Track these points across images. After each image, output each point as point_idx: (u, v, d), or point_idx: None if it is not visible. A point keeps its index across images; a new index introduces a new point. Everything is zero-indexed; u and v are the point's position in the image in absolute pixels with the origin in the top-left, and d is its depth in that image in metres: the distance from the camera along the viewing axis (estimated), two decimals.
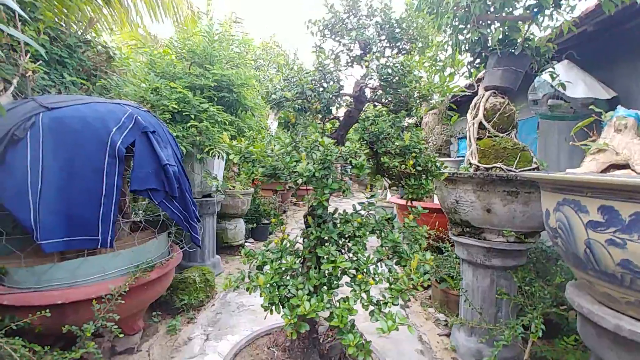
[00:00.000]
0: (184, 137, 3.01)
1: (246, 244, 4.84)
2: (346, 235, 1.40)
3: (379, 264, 1.38)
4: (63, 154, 1.79)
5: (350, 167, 1.32)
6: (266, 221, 5.70)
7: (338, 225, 1.43)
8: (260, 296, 1.33)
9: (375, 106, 1.96)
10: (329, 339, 1.68)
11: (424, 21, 2.76)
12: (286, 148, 1.37)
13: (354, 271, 1.31)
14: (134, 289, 1.96)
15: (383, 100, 1.88)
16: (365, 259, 1.34)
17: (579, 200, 1.05)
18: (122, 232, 2.36)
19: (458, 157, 4.19)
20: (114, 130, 1.95)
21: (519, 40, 2.33)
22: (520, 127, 2.52)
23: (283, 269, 1.34)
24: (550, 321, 2.13)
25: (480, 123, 2.41)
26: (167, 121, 2.98)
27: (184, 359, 2.20)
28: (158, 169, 2.09)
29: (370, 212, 1.52)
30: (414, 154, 1.64)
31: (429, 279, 3.24)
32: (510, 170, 2.08)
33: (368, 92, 1.89)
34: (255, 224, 5.44)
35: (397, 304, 1.27)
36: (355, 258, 1.35)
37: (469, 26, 2.50)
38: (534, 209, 1.95)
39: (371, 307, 1.25)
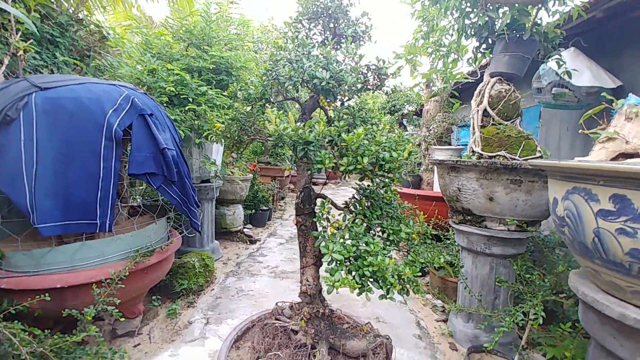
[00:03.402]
0: (182, 120, 2.94)
1: (244, 229, 4.83)
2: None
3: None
4: (58, 135, 1.74)
5: None
6: (265, 207, 5.69)
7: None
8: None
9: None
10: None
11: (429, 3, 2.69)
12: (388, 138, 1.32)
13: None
14: (134, 274, 1.95)
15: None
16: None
17: (590, 189, 1.04)
18: (120, 216, 2.33)
19: (459, 145, 4.17)
20: (110, 112, 1.89)
21: (527, 25, 2.27)
22: (523, 115, 2.50)
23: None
24: (545, 308, 2.16)
25: (485, 110, 2.38)
26: (165, 104, 2.91)
27: (184, 342, 2.22)
28: (156, 152, 2.04)
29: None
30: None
31: (427, 266, 3.25)
32: (514, 159, 2.07)
33: None
34: (253, 210, 5.43)
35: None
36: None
37: (475, 10, 2.43)
38: (536, 198, 1.94)
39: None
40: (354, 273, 1.23)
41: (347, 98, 1.72)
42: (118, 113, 1.92)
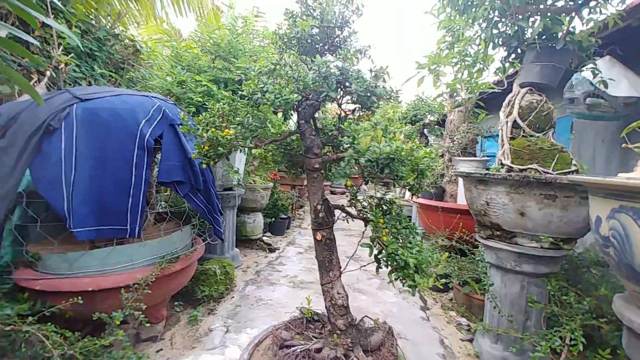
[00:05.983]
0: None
1: (264, 237, 4.86)
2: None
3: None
4: (95, 144, 1.83)
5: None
6: (284, 216, 5.72)
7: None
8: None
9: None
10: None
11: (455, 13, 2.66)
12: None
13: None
14: (159, 279, 1.99)
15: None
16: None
17: None
18: (147, 222, 2.40)
19: (484, 156, 4.04)
20: (142, 122, 1.98)
21: (560, 34, 2.19)
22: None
23: None
24: (582, 332, 2.02)
25: (514, 122, 2.30)
26: (192, 114, 3.00)
27: (205, 350, 2.23)
28: (184, 161, 2.10)
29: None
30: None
31: (450, 281, 3.11)
32: (548, 173, 1.98)
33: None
34: (273, 219, 5.46)
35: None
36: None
37: (504, 19, 2.38)
38: (572, 214, 1.84)
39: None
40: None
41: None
42: (150, 123, 2.00)
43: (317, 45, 1.77)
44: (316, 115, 1.82)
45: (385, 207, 1.57)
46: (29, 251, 1.91)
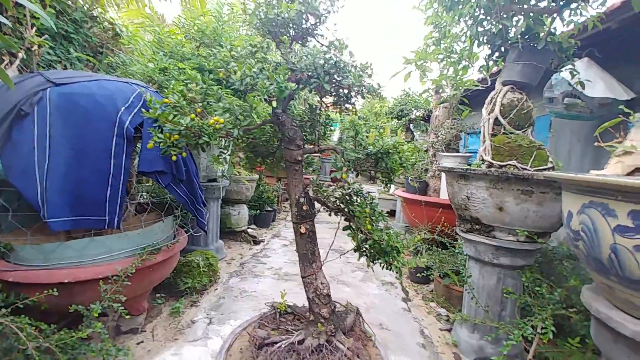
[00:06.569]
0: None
1: (249, 230, 4.83)
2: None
3: None
4: (71, 131, 1.75)
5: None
6: (269, 208, 5.69)
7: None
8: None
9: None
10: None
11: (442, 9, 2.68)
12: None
13: None
14: (140, 271, 1.95)
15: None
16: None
17: (608, 204, 1.02)
18: (128, 213, 2.34)
19: (467, 152, 4.14)
20: (122, 109, 1.91)
21: (541, 34, 2.25)
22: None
23: None
24: (553, 321, 2.12)
25: (496, 119, 2.36)
26: None
27: (187, 341, 2.22)
28: None
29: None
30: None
31: (431, 274, 3.19)
32: (525, 169, 2.04)
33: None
34: (258, 211, 5.43)
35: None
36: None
37: (489, 17, 2.41)
38: (547, 209, 1.92)
39: None
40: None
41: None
42: (130, 111, 1.94)
43: (282, 30, 1.67)
44: None
45: (357, 197, 1.58)
46: (1, 241, 1.83)
